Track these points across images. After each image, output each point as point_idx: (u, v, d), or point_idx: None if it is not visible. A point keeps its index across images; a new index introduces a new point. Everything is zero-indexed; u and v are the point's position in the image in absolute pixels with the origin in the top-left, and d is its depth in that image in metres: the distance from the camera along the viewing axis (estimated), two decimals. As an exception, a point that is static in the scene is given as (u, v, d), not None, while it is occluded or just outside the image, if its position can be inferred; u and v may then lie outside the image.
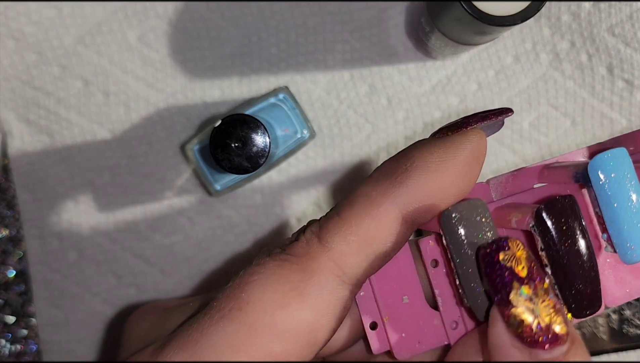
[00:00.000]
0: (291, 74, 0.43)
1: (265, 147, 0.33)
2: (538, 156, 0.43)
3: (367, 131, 0.43)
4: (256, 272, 0.24)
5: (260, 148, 0.33)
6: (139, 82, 0.42)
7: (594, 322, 0.43)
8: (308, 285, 0.24)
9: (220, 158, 0.33)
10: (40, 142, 0.42)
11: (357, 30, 0.43)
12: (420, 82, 0.43)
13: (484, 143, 0.28)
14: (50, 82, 0.42)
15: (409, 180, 0.25)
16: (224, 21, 0.42)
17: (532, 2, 0.31)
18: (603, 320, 0.43)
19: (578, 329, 0.43)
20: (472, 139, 0.27)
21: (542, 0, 0.31)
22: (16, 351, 0.43)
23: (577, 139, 0.43)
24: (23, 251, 0.43)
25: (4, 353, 0.43)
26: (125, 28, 0.42)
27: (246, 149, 0.33)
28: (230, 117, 0.33)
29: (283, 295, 0.24)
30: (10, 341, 0.43)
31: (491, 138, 0.42)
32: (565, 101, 0.43)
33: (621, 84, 0.43)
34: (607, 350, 0.43)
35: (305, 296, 0.24)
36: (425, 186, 0.25)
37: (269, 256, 0.25)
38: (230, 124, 0.33)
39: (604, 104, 0.43)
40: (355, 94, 0.43)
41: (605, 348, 0.43)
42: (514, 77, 0.43)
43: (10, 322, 0.43)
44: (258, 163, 0.33)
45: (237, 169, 0.33)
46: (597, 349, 0.43)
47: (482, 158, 0.28)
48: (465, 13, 0.31)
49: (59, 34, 0.41)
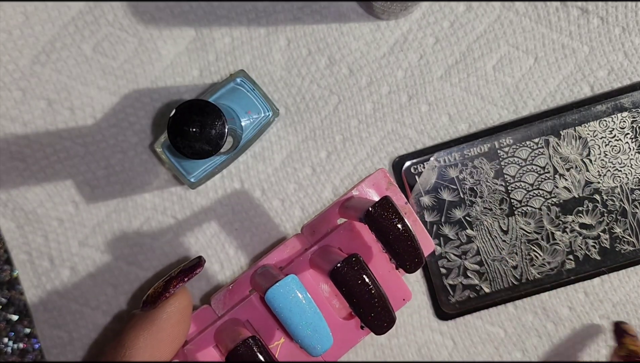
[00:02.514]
0: (249, 59, 0.43)
1: (224, 127, 0.33)
2: (507, 97, 0.43)
3: (333, 102, 0.43)
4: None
5: (219, 129, 0.33)
6: (102, 92, 0.42)
7: (585, 244, 0.43)
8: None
9: (181, 146, 0.33)
10: (14, 168, 0.42)
11: (307, 6, 0.43)
12: (378, 45, 0.43)
13: (188, 299, 0.36)
14: (12, 108, 0.42)
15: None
16: (174, 18, 0.42)
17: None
18: (593, 241, 0.43)
19: (570, 252, 0.43)
20: (173, 303, 0.35)
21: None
22: (19, 349, 0.43)
23: (543, 74, 0.43)
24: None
25: (7, 352, 0.43)
26: (79, 41, 0.42)
27: (204, 132, 0.33)
28: (183, 104, 0.33)
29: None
30: (13, 339, 0.43)
31: (458, 87, 0.43)
32: (524, 40, 0.43)
33: (576, 12, 0.43)
34: (603, 272, 0.43)
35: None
36: (144, 358, 0.34)
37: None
38: (184, 111, 0.33)
39: (563, 35, 0.44)
40: (315, 67, 0.43)
41: (600, 269, 0.43)
42: (469, 25, 0.43)
43: (13, 320, 0.43)
44: (219, 144, 0.33)
45: (200, 154, 0.33)
46: (593, 271, 0.43)
47: (188, 311, 0.36)
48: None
49: (12, 57, 0.41)
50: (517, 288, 0.43)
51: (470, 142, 0.43)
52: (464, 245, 0.43)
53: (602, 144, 0.43)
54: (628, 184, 0.43)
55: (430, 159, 0.43)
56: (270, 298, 0.33)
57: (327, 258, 0.35)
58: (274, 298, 0.32)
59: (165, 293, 0.35)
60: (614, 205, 0.43)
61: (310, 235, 0.39)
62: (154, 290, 0.36)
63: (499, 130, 0.43)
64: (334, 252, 0.36)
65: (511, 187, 0.43)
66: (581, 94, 0.44)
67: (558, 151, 0.43)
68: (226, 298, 0.38)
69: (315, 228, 0.39)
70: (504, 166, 0.43)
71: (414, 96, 0.43)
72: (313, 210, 0.44)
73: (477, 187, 0.43)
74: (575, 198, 0.43)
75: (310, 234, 0.39)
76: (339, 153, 0.44)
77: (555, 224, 0.43)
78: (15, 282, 0.43)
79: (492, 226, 0.43)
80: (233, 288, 0.38)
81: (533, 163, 0.43)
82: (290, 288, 0.33)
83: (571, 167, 0.43)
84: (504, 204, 0.43)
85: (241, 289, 0.38)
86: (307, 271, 0.37)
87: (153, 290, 0.36)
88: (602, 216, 0.43)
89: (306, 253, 0.37)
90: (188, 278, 0.36)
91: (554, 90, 0.44)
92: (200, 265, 0.36)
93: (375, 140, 0.44)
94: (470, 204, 0.43)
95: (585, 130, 0.43)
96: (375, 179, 0.38)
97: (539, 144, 0.43)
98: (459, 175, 0.43)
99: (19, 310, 0.43)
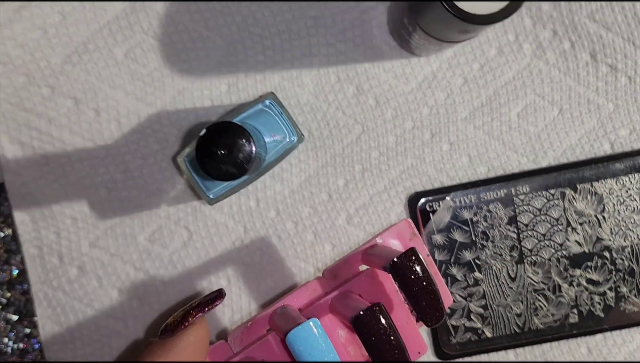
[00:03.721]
0: (278, 80, 0.43)
1: (251, 152, 0.33)
2: (528, 146, 0.44)
3: (357, 132, 0.44)
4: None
5: (246, 153, 0.33)
6: (128, 97, 0.42)
7: (590, 300, 0.44)
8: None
9: (207, 166, 0.33)
10: (34, 163, 0.42)
11: (341, 32, 0.43)
12: (407, 79, 0.43)
13: (205, 330, 0.37)
14: (40, 103, 0.42)
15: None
16: (208, 31, 0.42)
17: (512, 1, 0.31)
18: (599, 297, 0.44)
19: (575, 307, 0.43)
20: (192, 333, 0.36)
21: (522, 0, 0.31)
22: (19, 349, 0.44)
23: (566, 126, 0.44)
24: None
25: (7, 352, 0.43)
26: (111, 45, 0.42)
27: (232, 156, 0.33)
28: (214, 125, 0.33)
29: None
30: (13, 340, 0.43)
31: (481, 130, 0.43)
32: (551, 90, 0.44)
33: (605, 69, 0.44)
34: (606, 329, 0.44)
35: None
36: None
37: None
38: (214, 132, 0.33)
39: (590, 90, 0.44)
40: (342, 95, 0.43)
41: (603, 327, 0.44)
42: (498, 69, 0.44)
43: (13, 320, 0.43)
44: (245, 168, 0.33)
45: (225, 176, 0.33)
46: (595, 328, 0.44)
47: (205, 342, 0.37)
48: (447, 12, 0.32)
49: (45, 54, 0.41)
50: (519, 336, 0.44)
51: (488, 186, 0.43)
52: (470, 287, 0.44)
53: (617, 203, 0.43)
54: (639, 245, 0.44)
55: (446, 199, 0.43)
56: (292, 341, 0.33)
57: (348, 305, 0.35)
58: (294, 341, 0.32)
59: (184, 322, 0.36)
60: (623, 264, 0.44)
61: (331, 279, 0.39)
62: (173, 319, 0.37)
63: (517, 177, 0.43)
64: (355, 299, 0.36)
65: (523, 235, 0.44)
66: (601, 151, 0.44)
67: (573, 205, 0.43)
68: (243, 335, 0.38)
69: (337, 272, 0.39)
70: (518, 213, 0.43)
71: (437, 134, 0.44)
72: (325, 237, 0.44)
73: (490, 231, 0.43)
74: (585, 252, 0.44)
75: (332, 278, 0.39)
76: (357, 182, 0.44)
77: (563, 277, 0.44)
78: (15, 282, 0.43)
79: (501, 272, 0.44)
80: (251, 326, 0.38)
81: (547, 213, 0.43)
82: (312, 332, 0.33)
83: (584, 222, 0.43)
84: (515, 251, 0.44)
85: (259, 327, 0.38)
86: (326, 315, 0.37)
87: (172, 319, 0.37)
88: (610, 273, 0.44)
89: (327, 297, 0.37)
90: (208, 309, 0.36)
91: (574, 143, 0.44)
92: (220, 297, 0.36)
93: (394, 173, 0.44)
94: (481, 248, 0.43)
95: (602, 187, 0.44)
96: (400, 229, 0.38)
97: (555, 195, 0.43)
98: (472, 217, 0.43)
99: (19, 310, 0.44)
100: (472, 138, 0.44)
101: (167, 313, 0.44)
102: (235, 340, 0.38)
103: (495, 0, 0.31)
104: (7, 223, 0.44)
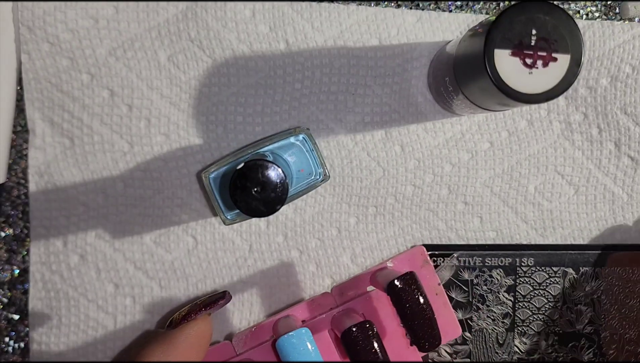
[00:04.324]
0: (311, 110, 0.44)
1: (284, 194, 0.34)
2: (539, 220, 0.45)
3: (377, 175, 0.44)
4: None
5: (279, 194, 0.34)
6: (163, 100, 0.43)
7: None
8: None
9: (239, 200, 0.34)
10: (60, 144, 0.43)
11: (381, 77, 0.44)
12: (435, 134, 0.44)
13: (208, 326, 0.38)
14: (77, 88, 0.42)
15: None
16: (252, 52, 0.43)
17: (560, 84, 0.32)
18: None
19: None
20: (193, 327, 0.37)
21: (569, 85, 0.32)
22: (20, 349, 0.44)
23: (579, 208, 0.45)
24: (27, 250, 0.43)
25: (8, 351, 0.43)
26: (157, 47, 0.42)
27: (264, 194, 0.34)
28: (253, 161, 0.34)
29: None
30: (14, 339, 0.43)
31: (497, 196, 0.44)
32: (572, 170, 0.45)
33: (626, 161, 0.45)
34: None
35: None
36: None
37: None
38: (252, 168, 0.34)
39: (608, 177, 0.45)
40: (370, 137, 0.44)
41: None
42: (525, 141, 0.44)
43: (14, 320, 0.44)
44: (274, 209, 0.34)
45: (254, 212, 0.34)
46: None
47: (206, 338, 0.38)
48: (493, 86, 0.32)
49: (92, 43, 0.42)
50: (498, 404, 0.44)
51: (495, 251, 0.44)
52: (457, 345, 0.44)
53: (616, 292, 0.44)
54: (626, 336, 0.44)
55: (453, 256, 0.44)
56: (280, 346, 0.34)
57: (345, 320, 0.36)
58: (283, 346, 0.34)
59: (188, 317, 0.38)
60: (609, 351, 0.44)
61: (338, 295, 0.40)
62: (178, 314, 0.38)
63: (523, 248, 0.44)
64: (354, 317, 0.37)
65: (519, 305, 0.44)
66: (609, 238, 0.45)
67: (573, 286, 0.44)
68: (247, 338, 0.40)
69: (345, 290, 0.40)
70: (518, 283, 0.44)
71: (454, 191, 0.44)
72: (327, 271, 0.44)
73: (488, 295, 0.44)
74: (575, 333, 0.44)
75: (339, 295, 0.40)
76: (368, 223, 0.44)
77: (548, 352, 0.44)
78: (16, 282, 0.44)
79: (490, 336, 0.44)
80: (255, 331, 0.40)
81: (546, 289, 0.44)
82: (302, 339, 0.34)
83: (580, 303, 0.44)
84: (507, 318, 0.44)
85: (263, 333, 0.40)
86: (327, 329, 0.38)
87: (178, 314, 0.38)
88: (595, 357, 0.44)
89: (330, 312, 0.38)
90: (212, 308, 0.38)
91: (584, 226, 0.45)
92: (224, 298, 0.38)
93: (405, 222, 0.44)
94: (476, 310, 0.44)
95: (604, 273, 0.44)
96: (413, 254, 0.39)
97: (557, 273, 0.44)
98: (474, 279, 0.44)
99: (20, 310, 0.44)
100: (487, 202, 0.45)
101: (158, 316, 0.44)
102: (240, 341, 0.40)
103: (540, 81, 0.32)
104: (7, 223, 0.44)
